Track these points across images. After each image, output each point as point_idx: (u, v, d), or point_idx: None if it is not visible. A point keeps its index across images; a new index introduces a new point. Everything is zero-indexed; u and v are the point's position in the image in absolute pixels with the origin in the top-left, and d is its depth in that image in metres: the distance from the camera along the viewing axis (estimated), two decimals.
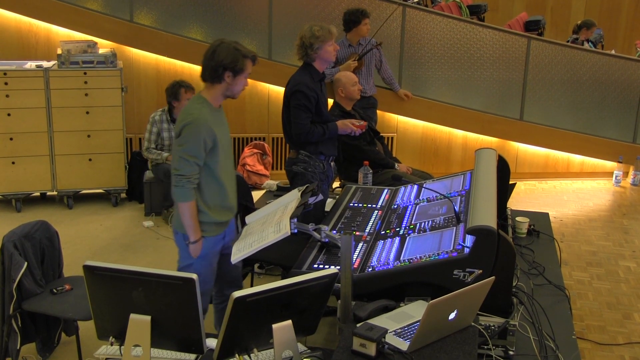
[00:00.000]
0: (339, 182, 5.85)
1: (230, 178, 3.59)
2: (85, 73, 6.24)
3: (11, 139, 6.21)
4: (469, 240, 2.94)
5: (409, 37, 7.26)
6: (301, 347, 2.71)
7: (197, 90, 6.29)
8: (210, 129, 3.36)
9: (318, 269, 3.08)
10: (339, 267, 2.78)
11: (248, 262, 4.15)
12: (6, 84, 6.10)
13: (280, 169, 7.35)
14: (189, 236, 3.45)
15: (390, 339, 2.55)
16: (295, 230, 3.17)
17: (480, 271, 2.84)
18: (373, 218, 3.72)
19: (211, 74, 3.41)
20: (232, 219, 3.71)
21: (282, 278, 3.84)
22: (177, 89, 6.01)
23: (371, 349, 2.43)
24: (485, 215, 2.95)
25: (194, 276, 2.36)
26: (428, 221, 3.40)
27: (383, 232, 3.48)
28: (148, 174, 6.42)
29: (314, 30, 4.34)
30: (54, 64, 6.34)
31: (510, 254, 2.84)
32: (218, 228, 3.55)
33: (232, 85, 3.44)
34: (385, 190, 4.15)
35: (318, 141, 4.46)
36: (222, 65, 3.36)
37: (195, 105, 3.43)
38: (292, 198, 3.49)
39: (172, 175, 3.39)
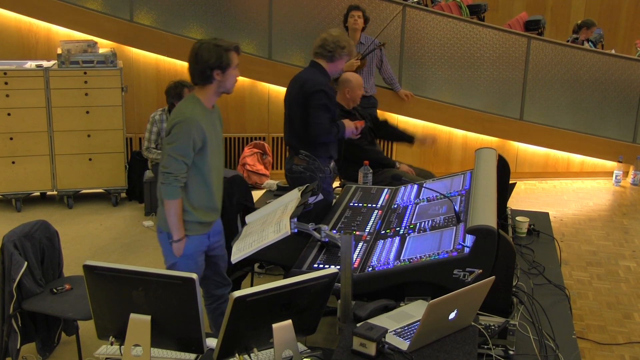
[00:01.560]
0: (339, 182, 5.85)
1: (218, 179, 3.58)
2: (85, 73, 6.24)
3: (11, 138, 6.21)
4: (469, 239, 2.94)
5: (409, 37, 7.26)
6: (301, 347, 2.71)
7: None
8: (201, 129, 3.36)
9: (318, 269, 3.08)
10: (339, 267, 2.79)
11: (248, 261, 4.16)
12: (6, 83, 6.10)
13: (280, 168, 7.35)
14: (173, 234, 3.45)
15: (390, 338, 2.55)
16: (296, 230, 3.17)
17: (480, 271, 2.84)
18: (373, 218, 3.72)
19: (200, 77, 3.39)
20: (218, 220, 3.71)
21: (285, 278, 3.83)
22: (180, 89, 5.99)
23: (371, 349, 2.43)
24: (485, 215, 2.95)
25: (194, 276, 2.36)
26: (428, 221, 3.40)
27: (383, 231, 3.48)
28: (148, 174, 6.42)
29: (350, 42, 4.40)
30: (54, 64, 6.34)
31: (510, 253, 2.84)
32: (202, 228, 3.55)
33: (224, 82, 3.41)
34: (385, 190, 4.15)
35: (331, 142, 4.43)
36: (208, 66, 3.34)
37: (188, 105, 3.42)
38: (292, 198, 3.49)
39: (160, 172, 3.40)
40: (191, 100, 3.44)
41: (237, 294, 2.28)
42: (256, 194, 4.81)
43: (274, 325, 2.44)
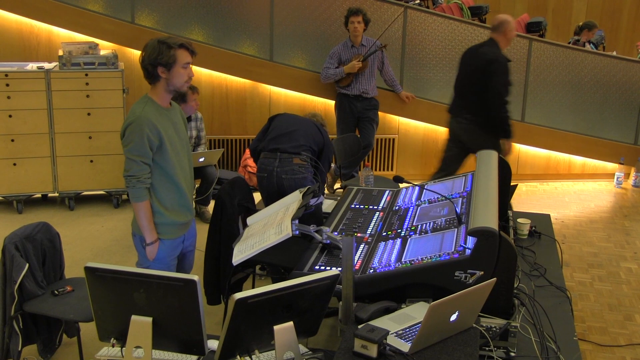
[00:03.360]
0: (339, 184, 5.85)
1: (185, 177, 3.54)
2: (86, 74, 6.25)
3: (12, 140, 6.21)
4: (471, 241, 2.94)
5: (410, 39, 7.27)
6: (302, 349, 2.71)
7: (200, 90, 6.36)
8: (154, 127, 3.31)
9: (319, 271, 3.08)
10: (340, 269, 2.79)
11: (249, 263, 4.16)
12: (7, 85, 6.10)
13: None
14: (145, 237, 3.43)
15: (392, 340, 2.55)
16: (297, 232, 3.17)
17: (482, 273, 2.84)
18: (374, 219, 3.72)
19: (147, 75, 3.37)
20: (193, 223, 3.70)
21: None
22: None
23: (372, 351, 2.44)
24: (487, 217, 2.95)
25: (196, 277, 2.36)
26: (429, 222, 3.40)
27: (384, 233, 3.48)
28: None
29: None
30: (55, 66, 6.34)
31: (511, 255, 2.84)
32: (178, 230, 3.53)
33: (171, 79, 3.35)
34: (387, 192, 4.15)
35: None
36: (150, 63, 3.31)
37: (140, 105, 3.39)
38: (294, 199, 3.49)
39: (123, 176, 3.39)
40: (143, 100, 3.42)
41: (238, 295, 2.28)
42: (257, 196, 4.82)
43: (276, 327, 2.44)
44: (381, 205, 3.94)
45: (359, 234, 3.52)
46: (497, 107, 5.34)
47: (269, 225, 3.32)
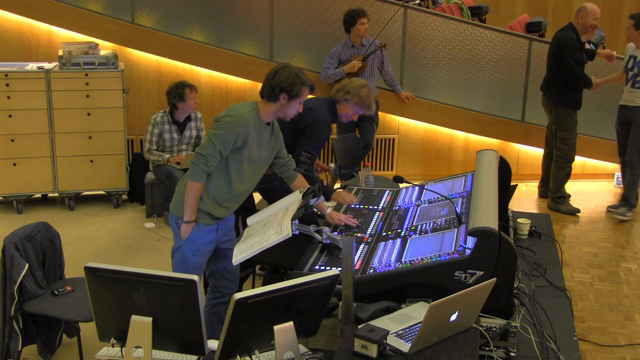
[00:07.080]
0: (339, 184, 5.84)
1: (243, 188, 3.62)
2: (86, 74, 6.25)
3: (12, 140, 6.21)
4: (471, 241, 2.94)
5: (410, 39, 7.26)
6: (302, 349, 2.72)
7: (200, 90, 6.35)
8: (246, 131, 3.45)
9: (319, 271, 3.08)
10: (340, 269, 2.79)
11: (249, 263, 4.16)
12: (7, 85, 6.10)
13: None
14: (185, 214, 3.52)
15: (392, 340, 2.55)
16: (297, 232, 3.17)
17: (482, 273, 2.84)
18: (374, 219, 3.72)
19: (269, 92, 3.53)
20: (231, 218, 3.74)
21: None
22: (182, 89, 5.99)
23: (372, 351, 2.44)
24: (487, 217, 2.95)
25: (195, 277, 2.37)
26: (429, 222, 3.40)
27: (384, 233, 3.48)
28: (149, 176, 6.42)
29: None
30: (55, 66, 6.34)
31: (511, 255, 2.84)
32: (210, 219, 3.60)
33: (286, 108, 3.55)
34: (387, 192, 4.16)
35: None
36: (279, 86, 3.48)
37: (247, 106, 3.54)
38: (294, 199, 3.50)
39: (195, 152, 3.52)
40: (251, 105, 3.56)
41: (238, 295, 2.29)
42: (257, 196, 4.82)
43: (276, 327, 2.44)
44: (381, 205, 3.94)
45: (359, 234, 3.52)
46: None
47: (269, 225, 3.33)
